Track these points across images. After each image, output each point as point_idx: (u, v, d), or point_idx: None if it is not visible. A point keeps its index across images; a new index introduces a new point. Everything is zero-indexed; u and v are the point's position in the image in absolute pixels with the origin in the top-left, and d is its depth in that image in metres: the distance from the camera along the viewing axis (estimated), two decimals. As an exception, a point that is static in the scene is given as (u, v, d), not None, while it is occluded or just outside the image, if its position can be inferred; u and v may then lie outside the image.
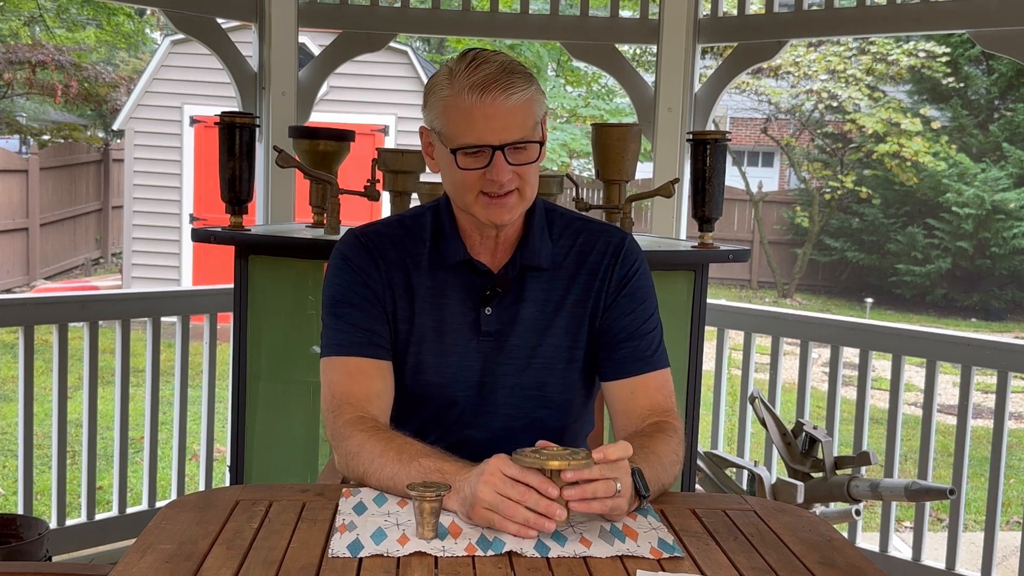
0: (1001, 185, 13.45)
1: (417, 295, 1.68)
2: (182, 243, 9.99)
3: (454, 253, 1.67)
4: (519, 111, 1.56)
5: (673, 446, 1.60)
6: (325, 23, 3.77)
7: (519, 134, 1.56)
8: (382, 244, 1.70)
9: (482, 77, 1.54)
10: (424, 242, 1.70)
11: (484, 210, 1.60)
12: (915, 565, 3.34)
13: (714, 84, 3.74)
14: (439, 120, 1.59)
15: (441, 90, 1.58)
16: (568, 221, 1.74)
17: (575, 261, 1.71)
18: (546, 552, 1.32)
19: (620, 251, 1.72)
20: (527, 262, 1.68)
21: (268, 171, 3.54)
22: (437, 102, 1.59)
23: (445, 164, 1.61)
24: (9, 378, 7.09)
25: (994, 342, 3.32)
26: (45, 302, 3.35)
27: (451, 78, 1.57)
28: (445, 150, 1.59)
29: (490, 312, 1.67)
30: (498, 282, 1.67)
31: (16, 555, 2.79)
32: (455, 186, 1.62)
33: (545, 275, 1.69)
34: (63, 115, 16.29)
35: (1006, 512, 5.43)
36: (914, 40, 13.12)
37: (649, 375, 1.70)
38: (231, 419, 3.03)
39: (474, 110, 1.54)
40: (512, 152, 1.57)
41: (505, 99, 1.54)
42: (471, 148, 1.56)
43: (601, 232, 1.74)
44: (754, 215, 15.12)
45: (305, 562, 1.28)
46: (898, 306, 13.73)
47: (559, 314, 1.69)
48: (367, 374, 1.65)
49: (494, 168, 1.56)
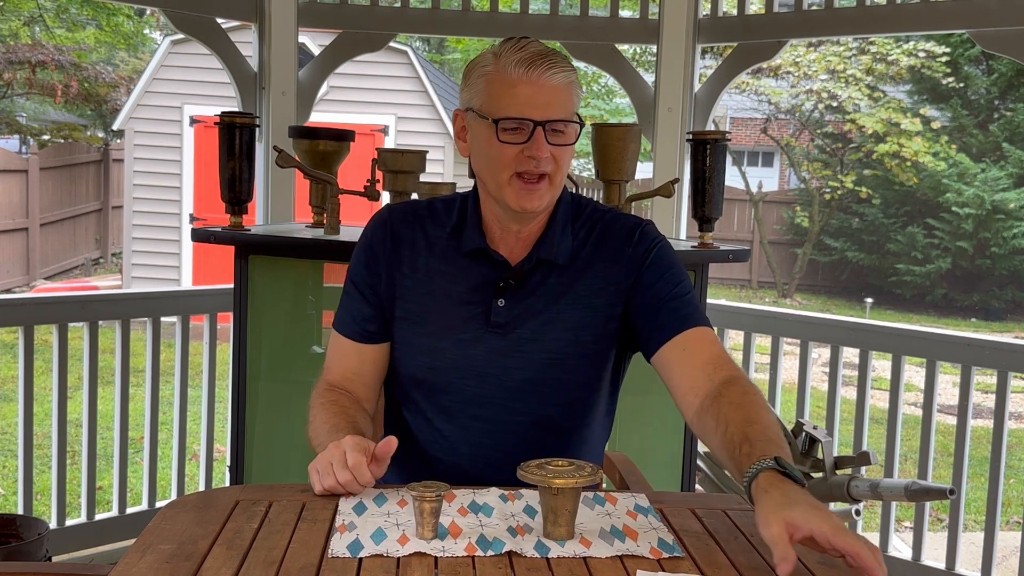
0: (1001, 185, 13.45)
1: (428, 276, 1.70)
2: (182, 243, 9.99)
3: (471, 240, 1.69)
4: (562, 92, 1.58)
5: (761, 402, 1.54)
6: (325, 23, 3.77)
7: (560, 114, 1.58)
8: (400, 222, 1.74)
9: (530, 53, 1.56)
10: (445, 227, 1.72)
11: (515, 194, 1.60)
12: (915, 565, 3.34)
13: (714, 84, 3.74)
14: (480, 96, 1.60)
15: (484, 67, 1.60)
16: (592, 213, 1.74)
17: (591, 251, 1.70)
18: (546, 552, 1.32)
19: (635, 233, 1.71)
20: (544, 256, 1.68)
21: (268, 171, 3.54)
22: (479, 78, 1.60)
23: (482, 141, 1.61)
24: (9, 378, 7.09)
25: (994, 342, 3.32)
26: (45, 302, 3.35)
27: (497, 56, 1.59)
28: (483, 124, 1.60)
29: (502, 304, 1.67)
30: (512, 274, 1.68)
31: (16, 555, 2.79)
32: (491, 163, 1.61)
33: (561, 270, 1.69)
34: (63, 115, 16.29)
35: (1006, 512, 5.43)
36: (914, 40, 13.12)
37: (695, 330, 1.63)
38: (231, 419, 3.03)
39: (520, 83, 1.56)
40: (551, 132, 1.58)
41: (550, 77, 1.56)
42: (514, 120, 1.57)
43: (618, 220, 1.74)
44: (754, 215, 15.13)
45: (305, 562, 1.28)
46: (898, 306, 13.73)
47: (573, 309, 1.68)
48: (346, 353, 1.74)
49: (533, 144, 1.57)
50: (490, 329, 1.67)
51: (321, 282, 3.03)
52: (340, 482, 1.48)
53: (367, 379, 1.75)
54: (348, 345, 1.74)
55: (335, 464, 1.48)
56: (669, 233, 3.63)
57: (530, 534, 1.38)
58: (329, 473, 1.48)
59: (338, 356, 1.76)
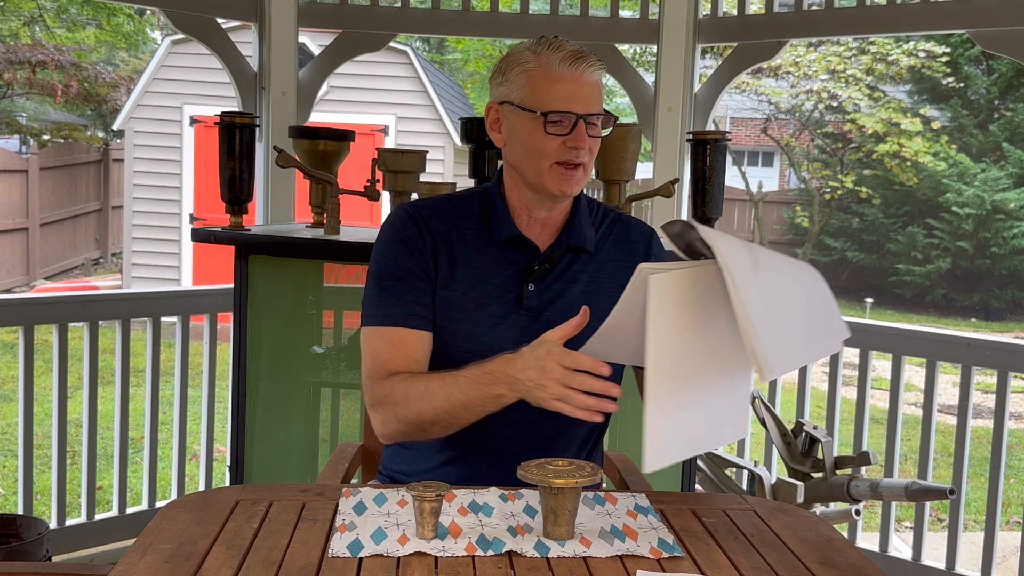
0: (1001, 185, 13.45)
1: (462, 266, 1.74)
2: (182, 243, 9.98)
3: (505, 229, 1.75)
4: (598, 88, 1.70)
5: None
6: (325, 23, 3.77)
7: (597, 108, 1.69)
8: (430, 216, 1.78)
9: (569, 52, 1.66)
10: (472, 219, 1.78)
11: (556, 179, 1.69)
12: (915, 565, 3.34)
13: (714, 84, 3.74)
14: (522, 90, 1.68)
15: (525, 63, 1.69)
16: (605, 210, 1.85)
17: (613, 246, 1.80)
18: (546, 552, 1.32)
19: (652, 240, 1.84)
20: (574, 242, 1.76)
21: (268, 171, 3.54)
22: (519, 74, 1.69)
23: (524, 132, 1.69)
24: (9, 378, 7.09)
25: (994, 342, 3.32)
26: (45, 302, 3.35)
27: (535, 53, 1.68)
28: (527, 117, 1.68)
29: (533, 288, 1.73)
30: (545, 258, 1.74)
31: (16, 555, 2.79)
32: (533, 153, 1.69)
33: (589, 257, 1.77)
34: (63, 115, 16.29)
35: (1006, 512, 5.43)
36: (914, 40, 13.12)
37: None
38: (231, 419, 3.03)
39: (564, 79, 1.66)
40: (590, 124, 1.68)
41: (590, 74, 1.68)
42: (558, 114, 1.66)
43: (634, 222, 1.87)
44: (754, 215, 15.13)
45: (305, 562, 1.28)
46: (898, 306, 13.73)
47: (599, 296, 1.72)
48: (408, 343, 1.72)
49: (576, 135, 1.66)
50: (522, 312, 1.73)
51: (321, 282, 3.03)
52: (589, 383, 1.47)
53: (425, 367, 1.73)
54: (409, 334, 1.71)
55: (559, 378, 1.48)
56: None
57: (530, 534, 1.38)
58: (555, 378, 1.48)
59: (398, 348, 1.70)
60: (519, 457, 1.58)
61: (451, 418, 1.61)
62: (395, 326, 1.72)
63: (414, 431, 1.66)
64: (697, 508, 1.54)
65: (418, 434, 1.67)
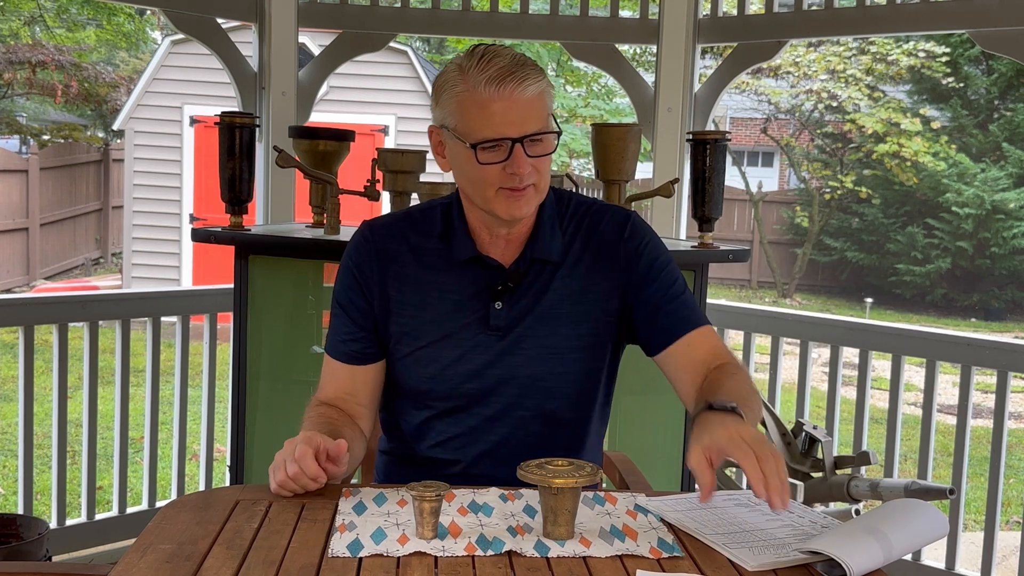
0: (1001, 185, 13.45)
1: (420, 288, 1.69)
2: (182, 243, 9.98)
3: (463, 249, 1.68)
4: (535, 103, 1.57)
5: (742, 378, 1.62)
6: (325, 23, 3.77)
7: (536, 126, 1.57)
8: (386, 238, 1.72)
9: (497, 70, 1.54)
10: (433, 236, 1.71)
11: (504, 204, 1.60)
12: (915, 565, 3.34)
13: (714, 84, 3.74)
14: (453, 117, 1.58)
15: (454, 86, 1.57)
16: (576, 206, 1.74)
17: (582, 246, 1.71)
18: (546, 552, 1.32)
19: (625, 228, 1.72)
20: (538, 255, 1.68)
21: (268, 171, 3.54)
22: (450, 99, 1.58)
23: (461, 161, 1.61)
24: (9, 378, 7.09)
25: (994, 342, 3.32)
26: (45, 302, 3.35)
27: (463, 74, 1.56)
28: (461, 146, 1.58)
29: (500, 307, 1.67)
30: (509, 277, 1.68)
31: (16, 555, 2.79)
32: (474, 183, 1.61)
33: (555, 267, 1.69)
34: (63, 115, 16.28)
35: (1006, 512, 5.43)
36: (914, 40, 13.12)
37: (696, 331, 1.69)
38: (231, 419, 3.03)
39: (492, 104, 1.54)
40: (530, 144, 1.57)
41: (522, 91, 1.54)
42: (491, 142, 1.56)
43: (605, 212, 1.74)
44: (754, 215, 15.12)
45: (305, 562, 1.28)
46: (898, 306, 13.72)
47: (571, 303, 1.69)
48: (340, 377, 1.74)
49: (514, 161, 1.56)
50: (490, 332, 1.67)
51: (321, 282, 3.03)
52: (289, 475, 1.48)
53: (361, 398, 1.74)
54: (339, 367, 1.74)
55: (286, 459, 1.49)
56: (669, 233, 3.63)
57: (530, 534, 1.38)
58: (281, 468, 1.49)
59: (330, 377, 1.75)
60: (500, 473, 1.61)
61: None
62: (333, 357, 1.75)
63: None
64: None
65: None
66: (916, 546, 1.42)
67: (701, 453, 1.37)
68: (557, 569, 1.28)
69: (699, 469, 1.37)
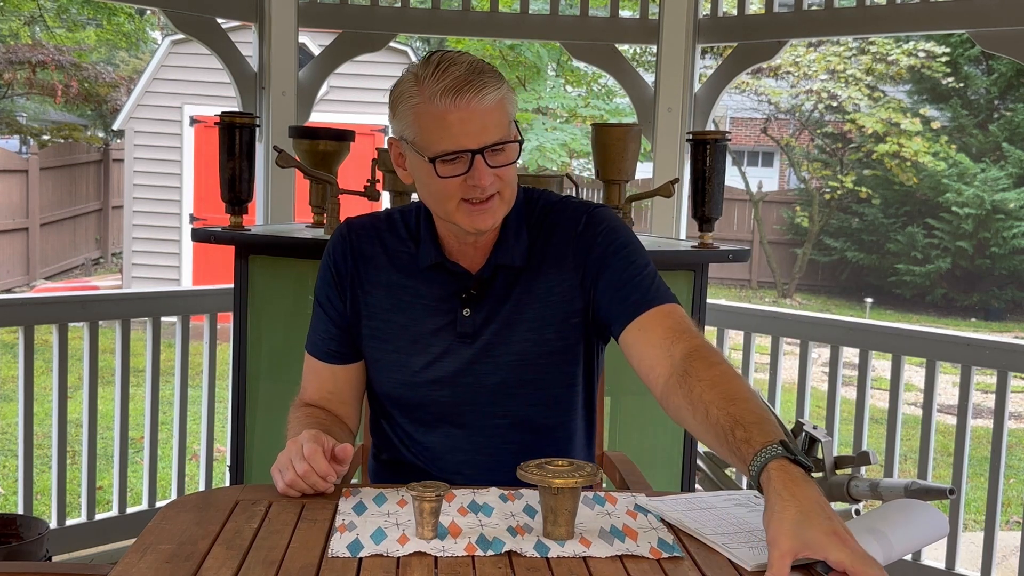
0: (1001, 185, 13.45)
1: (392, 292, 1.68)
2: (182, 243, 9.98)
3: (428, 256, 1.66)
4: (494, 112, 1.51)
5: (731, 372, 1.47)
6: (325, 23, 3.77)
7: (497, 135, 1.52)
8: (363, 238, 1.72)
9: (453, 80, 1.49)
10: (406, 240, 1.70)
11: (467, 218, 1.56)
12: (915, 565, 3.34)
13: (714, 84, 3.74)
14: (411, 129, 1.54)
15: (410, 98, 1.52)
16: (543, 207, 1.69)
17: (543, 247, 1.66)
18: (546, 552, 1.32)
19: (580, 221, 1.66)
20: (501, 262, 1.65)
21: (268, 171, 3.54)
22: (407, 111, 1.53)
23: (422, 174, 1.57)
24: (9, 378, 7.09)
25: (994, 342, 3.32)
26: (45, 302, 3.35)
27: (419, 84, 1.51)
28: (420, 160, 1.54)
29: (468, 314, 1.65)
30: (474, 284, 1.66)
31: (16, 555, 2.79)
32: (434, 196, 1.57)
33: (519, 272, 1.66)
34: (63, 115, 16.28)
35: (1006, 512, 5.43)
36: (914, 40, 13.12)
37: (652, 311, 1.58)
38: (231, 419, 3.03)
39: (448, 115, 1.49)
40: (491, 155, 1.52)
41: (479, 101, 1.49)
42: (449, 155, 1.51)
43: (566, 209, 1.69)
44: (754, 215, 15.13)
45: (305, 562, 1.28)
46: (898, 306, 13.73)
47: (537, 307, 1.66)
48: (322, 376, 1.74)
49: (475, 173, 1.52)
50: (458, 339, 1.66)
51: (321, 282, 3.02)
52: (299, 474, 1.47)
53: (344, 397, 1.74)
54: (320, 366, 1.74)
55: (293, 458, 1.49)
56: (669, 233, 3.63)
57: (530, 534, 1.38)
58: (288, 468, 1.49)
59: (312, 376, 1.75)
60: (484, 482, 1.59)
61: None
62: (313, 355, 1.75)
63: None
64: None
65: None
66: (916, 546, 1.42)
67: (794, 549, 1.19)
68: (557, 569, 1.28)
69: (780, 566, 1.18)
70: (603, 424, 2.07)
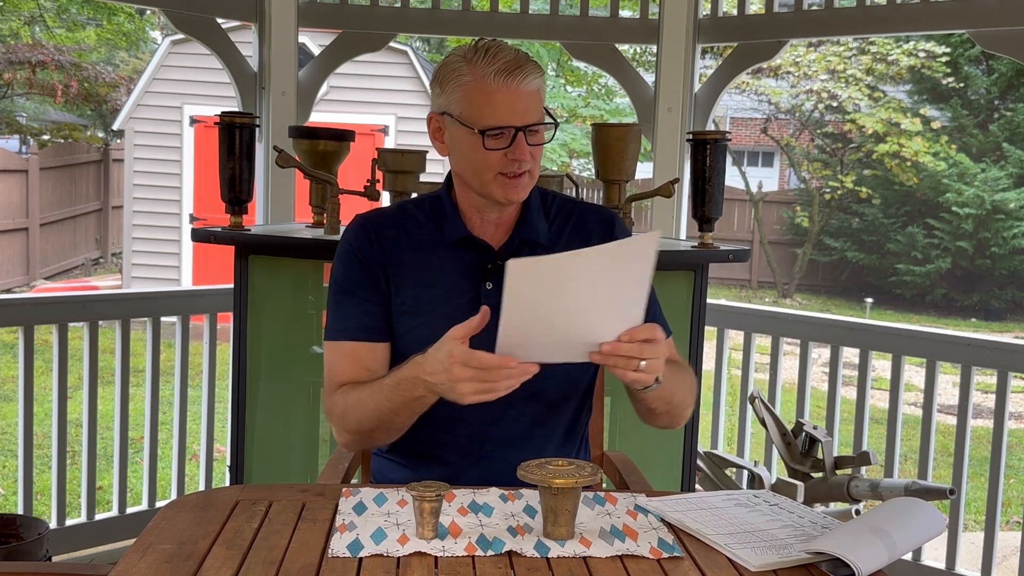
0: (1001, 185, 13.45)
1: (415, 270, 1.76)
2: (182, 243, 9.98)
3: (455, 230, 1.76)
4: (535, 96, 1.68)
5: (686, 376, 1.71)
6: (325, 23, 3.77)
7: (536, 117, 1.68)
8: (381, 226, 1.79)
9: (504, 63, 1.64)
10: (424, 223, 1.79)
11: (502, 188, 1.69)
12: (915, 565, 3.34)
13: (714, 84, 3.74)
14: (460, 104, 1.67)
15: (461, 75, 1.66)
16: (562, 202, 1.85)
17: (571, 235, 1.80)
18: (546, 552, 1.32)
19: (613, 226, 1.82)
20: (526, 237, 1.76)
21: (268, 171, 3.54)
22: (456, 88, 1.67)
23: (465, 146, 1.69)
24: (9, 378, 7.09)
25: (994, 342, 3.32)
26: (45, 302, 3.35)
27: (470, 64, 1.66)
28: (467, 132, 1.67)
29: (490, 287, 1.73)
30: (498, 256, 1.74)
31: (16, 555, 2.79)
32: (476, 166, 1.69)
33: (543, 250, 1.73)
34: (63, 115, 16.28)
35: (1006, 512, 5.43)
36: (914, 40, 13.12)
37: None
38: (231, 419, 3.03)
39: (499, 94, 1.64)
40: (530, 134, 1.67)
41: (526, 84, 1.65)
42: (495, 129, 1.65)
43: (592, 210, 1.86)
44: (754, 215, 15.13)
45: (305, 562, 1.28)
46: (898, 306, 13.73)
47: None
48: (359, 355, 1.75)
49: (517, 147, 1.66)
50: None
51: (321, 282, 3.03)
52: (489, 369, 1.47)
53: (379, 376, 1.74)
54: (356, 346, 1.75)
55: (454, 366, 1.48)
56: (669, 233, 3.63)
57: (530, 534, 1.38)
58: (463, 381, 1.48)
59: (344, 360, 1.75)
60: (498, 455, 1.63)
61: (387, 424, 1.64)
62: (346, 339, 1.75)
63: (363, 439, 1.71)
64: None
65: (367, 442, 1.73)
66: (916, 544, 1.42)
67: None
68: (557, 569, 1.28)
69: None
70: (603, 424, 2.07)
